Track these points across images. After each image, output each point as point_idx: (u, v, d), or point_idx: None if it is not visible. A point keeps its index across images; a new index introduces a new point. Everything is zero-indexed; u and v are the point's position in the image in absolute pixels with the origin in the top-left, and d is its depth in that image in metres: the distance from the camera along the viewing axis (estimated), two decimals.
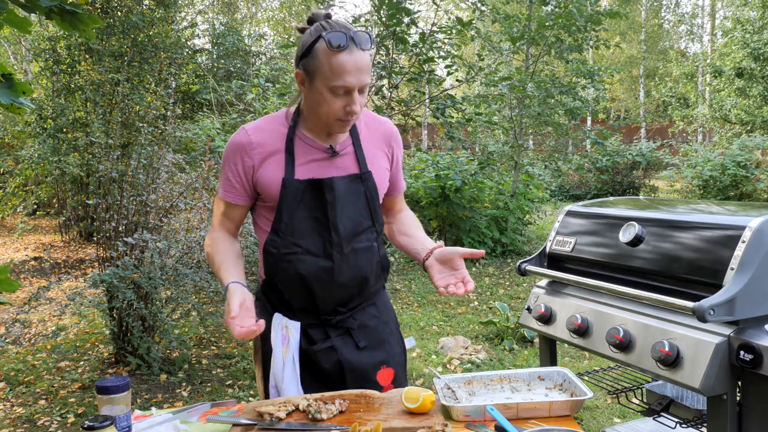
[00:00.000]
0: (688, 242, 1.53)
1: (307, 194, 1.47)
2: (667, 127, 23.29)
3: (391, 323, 1.66)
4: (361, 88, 1.39)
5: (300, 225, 1.49)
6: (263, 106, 6.78)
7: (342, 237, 1.49)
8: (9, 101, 1.36)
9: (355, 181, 1.51)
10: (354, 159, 1.53)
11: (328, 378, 1.54)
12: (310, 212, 1.48)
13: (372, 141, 1.58)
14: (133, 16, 8.47)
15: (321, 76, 1.38)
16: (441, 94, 7.40)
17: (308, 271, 1.48)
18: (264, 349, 1.57)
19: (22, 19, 1.44)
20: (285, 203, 1.47)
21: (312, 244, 1.49)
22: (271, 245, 1.50)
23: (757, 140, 11.81)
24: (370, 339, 1.58)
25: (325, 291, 1.51)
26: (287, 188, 1.46)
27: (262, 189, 1.50)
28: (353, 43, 1.36)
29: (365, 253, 1.54)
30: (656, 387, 1.97)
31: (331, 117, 1.42)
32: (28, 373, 4.00)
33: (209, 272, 3.78)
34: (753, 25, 15.60)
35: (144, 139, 4.49)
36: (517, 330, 4.56)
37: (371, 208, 1.54)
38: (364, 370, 1.54)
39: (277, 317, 1.55)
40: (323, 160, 1.50)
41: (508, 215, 7.97)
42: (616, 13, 7.79)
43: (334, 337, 1.54)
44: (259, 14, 23.26)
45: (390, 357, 1.61)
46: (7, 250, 8.67)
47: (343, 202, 1.48)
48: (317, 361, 1.53)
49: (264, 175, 1.48)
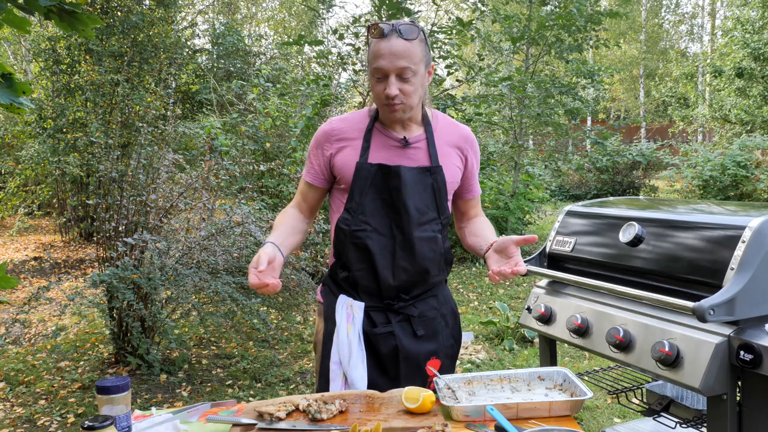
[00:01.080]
0: (688, 242, 1.53)
1: (377, 177, 1.60)
2: (667, 127, 23.30)
3: (449, 316, 1.74)
4: (399, 74, 1.51)
5: (370, 205, 1.61)
6: (264, 106, 6.78)
7: (405, 221, 1.59)
8: (9, 101, 1.37)
9: (424, 173, 1.61)
10: (426, 153, 1.64)
11: (383, 360, 1.62)
12: (379, 194, 1.60)
13: (446, 140, 1.68)
14: (133, 16, 8.47)
15: (369, 63, 1.56)
16: (441, 94, 7.40)
17: (375, 247, 1.59)
18: (326, 329, 1.66)
19: (22, 19, 1.44)
20: (357, 184, 1.60)
21: (379, 224, 1.60)
22: (342, 222, 1.62)
23: (757, 140, 11.81)
24: (427, 329, 1.66)
25: (388, 271, 1.59)
26: (359, 171, 1.60)
27: (338, 172, 1.64)
28: (394, 31, 1.50)
29: (428, 242, 1.62)
30: (656, 387, 1.97)
31: (378, 101, 1.58)
32: (28, 373, 4.00)
33: (209, 272, 3.78)
34: (753, 25, 15.60)
35: (144, 139, 4.49)
36: (517, 330, 4.56)
37: (438, 200, 1.63)
38: (417, 358, 1.63)
39: (342, 297, 1.65)
40: (396, 149, 1.62)
41: (508, 215, 7.97)
42: (616, 13, 7.79)
43: (394, 323, 1.62)
44: (259, 14, 23.26)
45: (440, 348, 1.68)
46: (7, 250, 8.67)
47: (410, 190, 1.59)
48: (376, 343, 1.61)
49: (340, 160, 1.63)
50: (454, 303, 1.78)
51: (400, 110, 1.56)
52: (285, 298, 4.18)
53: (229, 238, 3.86)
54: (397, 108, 1.55)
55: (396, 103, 1.54)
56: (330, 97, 6.28)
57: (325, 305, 1.70)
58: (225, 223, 3.87)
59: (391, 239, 1.60)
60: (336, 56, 7.41)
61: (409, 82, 1.53)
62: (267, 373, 3.96)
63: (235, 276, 3.81)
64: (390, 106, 1.55)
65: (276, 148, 6.41)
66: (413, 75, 1.52)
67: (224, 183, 4.67)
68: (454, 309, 1.77)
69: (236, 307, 3.67)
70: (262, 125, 6.37)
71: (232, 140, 6.38)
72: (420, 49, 1.53)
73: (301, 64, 13.37)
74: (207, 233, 3.85)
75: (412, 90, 1.54)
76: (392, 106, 1.54)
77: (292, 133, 6.25)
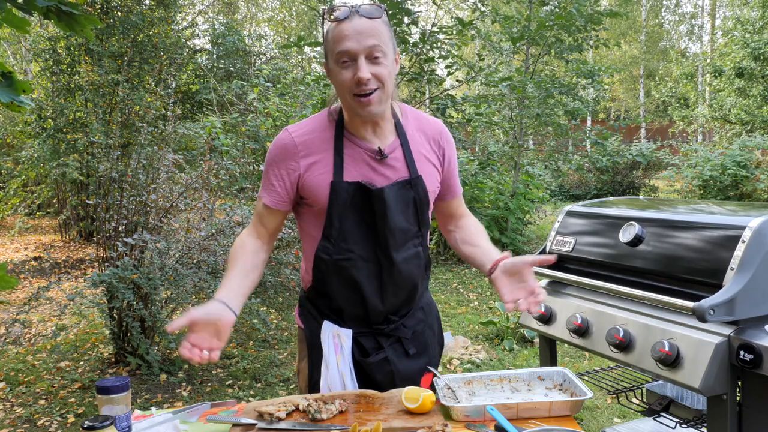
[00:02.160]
0: (688, 242, 1.53)
1: (356, 198, 1.42)
2: (667, 127, 23.29)
3: (435, 324, 1.66)
4: (368, 54, 1.32)
5: (352, 231, 1.44)
6: (264, 106, 6.78)
7: (391, 245, 1.45)
8: (9, 99, 1.37)
9: (405, 187, 1.45)
10: (403, 162, 1.47)
11: (379, 386, 1.51)
12: (360, 216, 1.44)
13: (420, 142, 1.51)
14: (133, 16, 8.47)
15: (329, 51, 1.37)
16: (441, 95, 7.40)
17: (361, 277, 1.46)
18: (311, 358, 1.53)
19: (21, 19, 1.44)
20: (335, 208, 1.42)
21: (363, 250, 1.45)
22: (323, 251, 1.46)
23: (757, 140, 11.81)
24: (418, 345, 1.58)
25: (376, 298, 1.48)
26: (336, 192, 1.41)
27: (308, 193, 1.44)
28: (355, 12, 1.33)
29: (413, 260, 1.50)
30: (656, 387, 1.96)
31: (346, 93, 1.36)
32: (28, 373, 4.00)
33: (209, 272, 3.78)
34: (753, 25, 15.59)
35: (144, 139, 4.49)
36: (517, 330, 4.56)
37: (419, 214, 1.49)
38: (412, 376, 1.53)
39: (327, 325, 1.51)
40: (371, 162, 1.44)
41: (508, 215, 7.97)
42: (616, 13, 7.79)
43: (386, 347, 1.52)
44: (259, 14, 23.25)
45: (431, 359, 1.61)
46: (7, 250, 8.67)
47: (394, 210, 1.43)
48: (370, 372, 1.51)
49: (311, 180, 1.43)
50: (434, 304, 1.70)
51: (376, 101, 1.35)
52: (285, 298, 4.18)
53: (229, 238, 3.86)
54: (373, 98, 1.34)
55: (370, 89, 1.33)
56: (330, 97, 6.27)
57: (308, 332, 1.55)
58: (225, 223, 3.87)
59: (377, 265, 1.46)
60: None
61: (381, 64, 1.33)
62: (267, 373, 3.96)
63: None
64: (363, 97, 1.33)
65: None
66: (384, 56, 1.33)
67: (224, 183, 4.67)
68: (436, 313, 1.69)
69: None
70: (263, 125, 6.37)
71: (232, 140, 6.38)
72: (386, 29, 1.36)
73: (302, 64, 13.37)
74: (207, 233, 3.85)
75: (386, 73, 1.34)
76: (366, 97, 1.33)
77: None
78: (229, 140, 6.35)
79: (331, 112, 1.48)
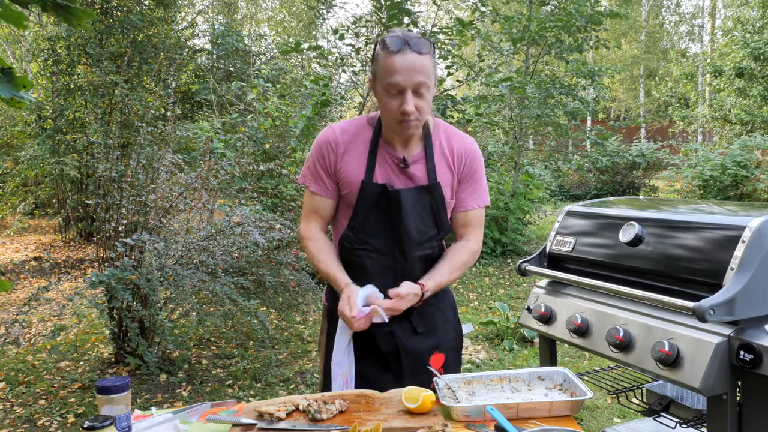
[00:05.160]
0: (688, 242, 1.53)
1: (382, 199, 1.59)
2: (667, 127, 23.28)
3: (448, 310, 1.75)
4: (415, 89, 1.47)
5: (373, 226, 1.61)
6: (264, 107, 6.78)
7: (408, 243, 1.60)
8: (9, 95, 1.36)
9: (422, 192, 1.61)
10: (424, 170, 1.62)
11: (386, 359, 1.63)
12: (382, 215, 1.60)
13: (444, 154, 1.65)
14: (133, 16, 8.46)
15: (379, 77, 1.51)
16: (441, 95, 7.40)
17: (373, 267, 1.62)
18: (329, 331, 1.68)
19: (18, 14, 1.42)
20: (361, 204, 1.60)
21: (381, 245, 1.62)
22: (345, 240, 1.65)
23: (758, 140, 11.80)
24: (426, 325, 1.67)
25: (388, 287, 1.58)
26: (365, 190, 1.59)
27: (343, 184, 1.62)
28: (407, 46, 1.45)
29: (427, 260, 1.66)
30: (656, 387, 1.96)
31: (390, 118, 1.53)
32: (28, 373, 4.00)
33: (208, 273, 3.77)
34: (753, 25, 15.59)
35: (143, 140, 4.49)
36: (517, 330, 4.56)
37: (437, 217, 1.64)
38: (418, 353, 1.63)
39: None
40: (396, 168, 1.61)
41: (508, 215, 7.98)
42: (616, 14, 7.79)
43: (394, 324, 1.62)
44: (259, 14, 23.24)
45: (443, 342, 1.70)
46: (7, 250, 8.67)
47: (410, 212, 1.59)
48: (377, 342, 1.63)
49: (346, 173, 1.61)
50: (450, 293, 1.80)
51: (414, 126, 1.53)
52: (285, 299, 4.18)
53: (229, 238, 3.86)
54: (412, 124, 1.52)
55: (411, 119, 1.50)
56: (330, 98, 6.27)
57: (329, 309, 1.72)
58: (224, 223, 3.87)
59: (392, 260, 1.62)
60: (336, 57, 7.41)
61: (423, 97, 1.50)
62: (267, 373, 3.96)
63: (234, 277, 3.80)
64: (405, 122, 1.51)
65: (276, 149, 6.41)
66: (427, 90, 1.49)
67: (223, 184, 4.66)
68: (452, 303, 1.79)
69: (235, 308, 3.67)
70: (262, 125, 6.37)
71: (231, 140, 6.37)
72: (432, 63, 1.50)
73: (301, 64, 13.37)
74: (206, 234, 3.85)
75: (426, 106, 1.51)
76: (407, 122, 1.51)
77: (291, 134, 6.24)
78: (228, 141, 6.34)
79: (371, 118, 1.66)
